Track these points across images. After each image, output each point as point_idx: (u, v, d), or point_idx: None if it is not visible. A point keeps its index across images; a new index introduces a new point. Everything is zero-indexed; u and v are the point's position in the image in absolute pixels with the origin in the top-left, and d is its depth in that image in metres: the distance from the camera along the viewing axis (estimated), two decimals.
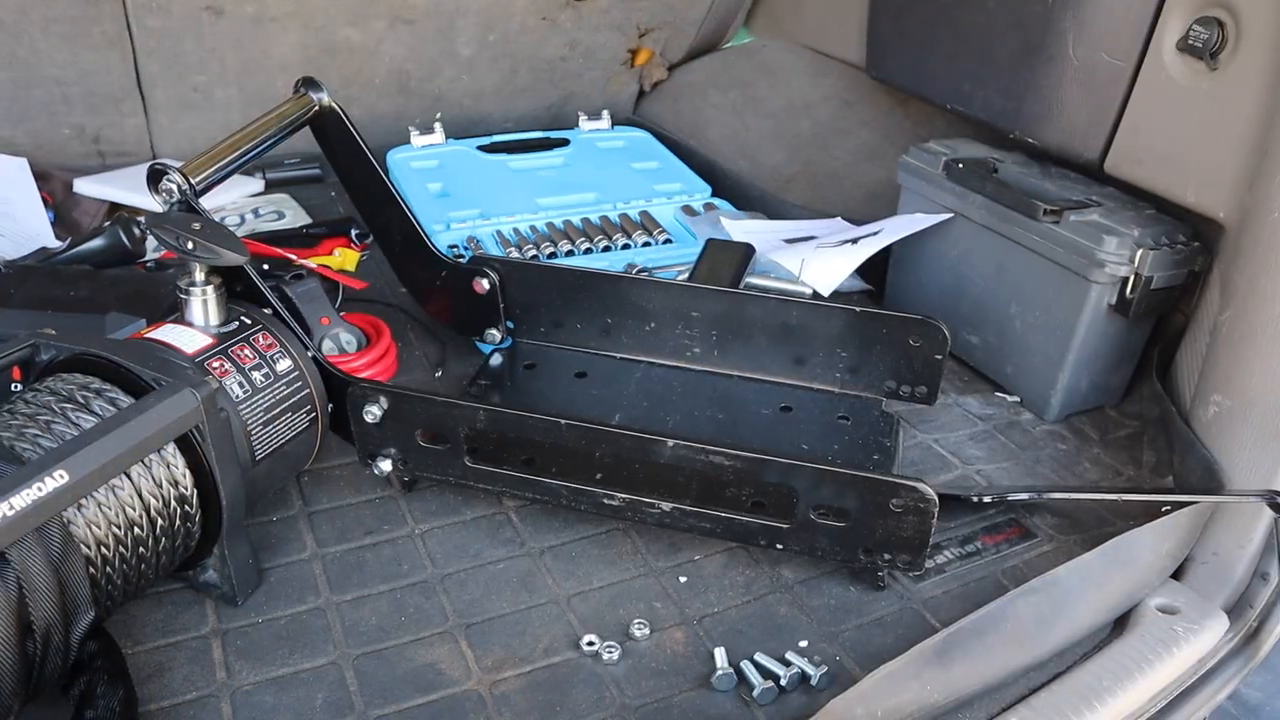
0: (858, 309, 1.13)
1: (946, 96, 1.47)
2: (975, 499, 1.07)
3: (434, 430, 0.97)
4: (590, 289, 1.20)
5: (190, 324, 0.91)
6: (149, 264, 1.40)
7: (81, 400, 0.79)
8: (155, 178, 0.94)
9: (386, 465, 1.00)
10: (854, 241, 1.36)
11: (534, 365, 1.23)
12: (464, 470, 0.98)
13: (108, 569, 0.76)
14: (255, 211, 1.66)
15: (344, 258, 1.51)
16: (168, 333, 0.90)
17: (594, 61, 2.01)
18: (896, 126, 1.73)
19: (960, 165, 1.30)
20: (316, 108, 1.11)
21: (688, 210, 1.62)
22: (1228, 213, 1.09)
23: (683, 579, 0.97)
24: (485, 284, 1.19)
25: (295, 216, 1.65)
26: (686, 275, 1.29)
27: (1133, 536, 0.93)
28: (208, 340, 0.90)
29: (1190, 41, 1.11)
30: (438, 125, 1.79)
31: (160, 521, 0.80)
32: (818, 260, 1.33)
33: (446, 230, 1.51)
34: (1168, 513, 0.97)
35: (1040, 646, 0.87)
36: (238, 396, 0.87)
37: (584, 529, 1.02)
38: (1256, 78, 1.04)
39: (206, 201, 0.97)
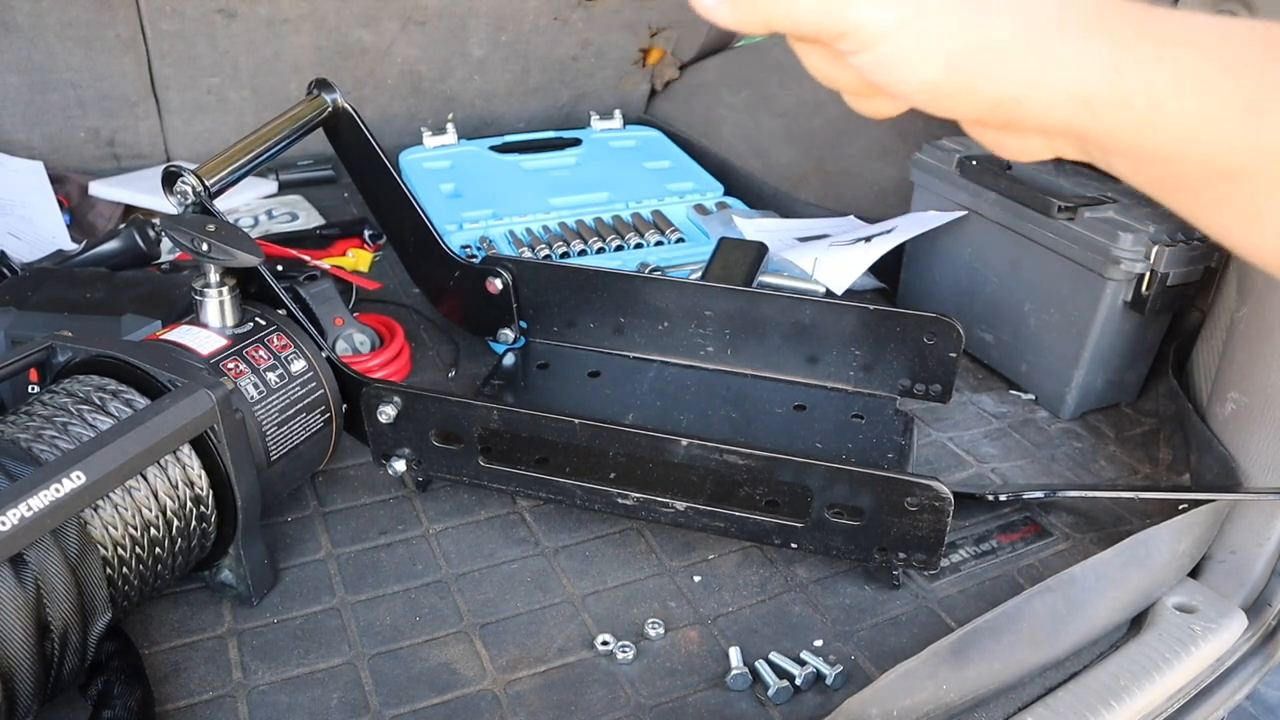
0: (871, 307, 1.13)
1: None
2: (990, 497, 1.06)
3: (448, 430, 0.97)
4: (603, 288, 1.19)
5: (205, 325, 0.91)
6: (164, 266, 1.41)
7: (98, 402, 0.79)
8: (170, 180, 0.94)
9: (400, 465, 1.00)
10: (867, 240, 1.35)
11: (547, 365, 1.23)
12: (478, 470, 0.98)
13: (124, 570, 0.76)
14: (269, 213, 1.67)
15: (357, 258, 1.51)
16: (183, 334, 0.90)
17: (606, 61, 2.01)
18: (909, 124, 1.71)
19: (974, 162, 1.29)
20: (329, 109, 1.11)
21: (700, 209, 1.61)
22: None
23: (697, 578, 0.96)
24: (498, 284, 1.19)
25: (308, 218, 1.66)
26: (699, 274, 1.29)
27: (1149, 535, 0.93)
28: (223, 341, 0.90)
29: None
30: (450, 126, 1.79)
31: (176, 522, 0.80)
32: (831, 258, 1.32)
33: (459, 230, 1.51)
34: (1185, 511, 0.96)
35: (1056, 646, 0.87)
36: (253, 397, 0.88)
37: (598, 528, 1.02)
38: None
39: (221, 203, 0.97)
